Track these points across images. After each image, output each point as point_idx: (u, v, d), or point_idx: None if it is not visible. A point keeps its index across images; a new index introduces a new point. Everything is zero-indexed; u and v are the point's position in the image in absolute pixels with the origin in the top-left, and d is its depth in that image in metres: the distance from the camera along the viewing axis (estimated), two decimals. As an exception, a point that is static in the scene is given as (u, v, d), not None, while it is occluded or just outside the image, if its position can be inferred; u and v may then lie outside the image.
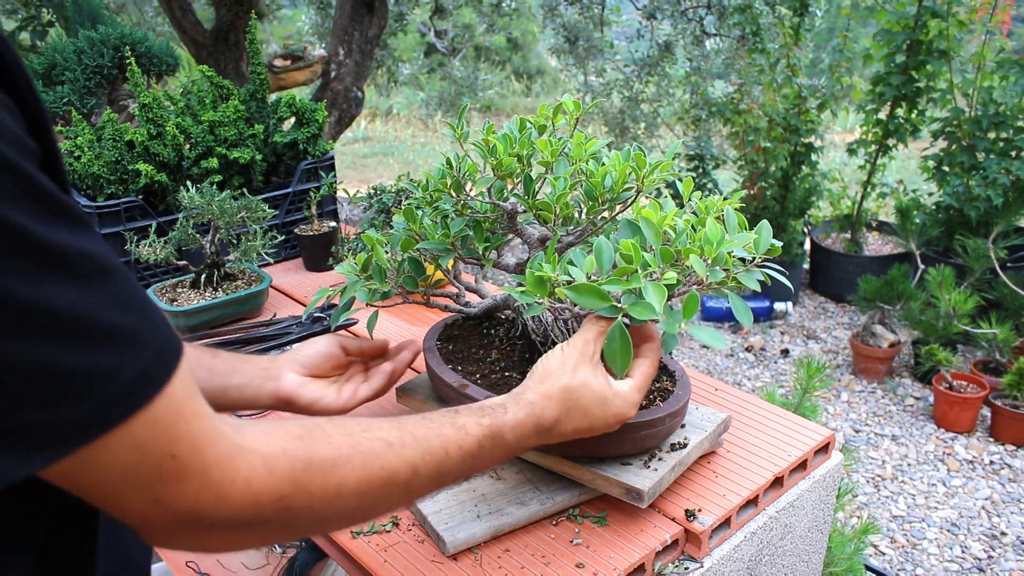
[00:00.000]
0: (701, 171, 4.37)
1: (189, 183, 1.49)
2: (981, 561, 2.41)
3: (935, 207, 3.78)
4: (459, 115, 0.99)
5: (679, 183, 0.94)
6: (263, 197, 1.67)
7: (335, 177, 1.84)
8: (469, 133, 0.97)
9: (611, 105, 4.82)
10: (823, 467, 1.08)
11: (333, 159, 1.86)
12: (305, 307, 1.54)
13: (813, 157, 4.08)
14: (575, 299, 0.80)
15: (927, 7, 3.64)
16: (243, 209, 1.46)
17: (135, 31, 2.07)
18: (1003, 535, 2.52)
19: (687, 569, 0.90)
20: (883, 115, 3.97)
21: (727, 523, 0.94)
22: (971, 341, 3.42)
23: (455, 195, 0.98)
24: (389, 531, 0.92)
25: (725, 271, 0.82)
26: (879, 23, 3.83)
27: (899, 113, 3.92)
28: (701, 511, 0.93)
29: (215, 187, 1.47)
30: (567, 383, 0.79)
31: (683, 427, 1.01)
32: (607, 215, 0.96)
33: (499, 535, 0.90)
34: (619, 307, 0.80)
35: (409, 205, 0.99)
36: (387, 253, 1.00)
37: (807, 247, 4.36)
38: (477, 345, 1.06)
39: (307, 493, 0.57)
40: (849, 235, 4.28)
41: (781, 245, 0.86)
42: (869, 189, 4.15)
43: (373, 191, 1.58)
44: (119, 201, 1.55)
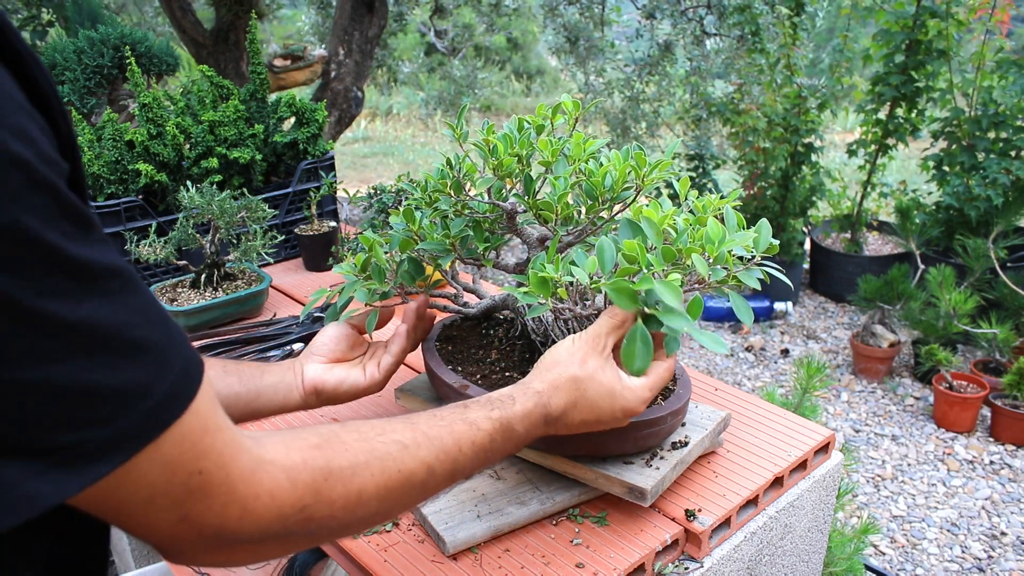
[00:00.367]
0: (701, 171, 4.37)
1: (189, 183, 1.49)
2: (981, 561, 2.41)
3: (935, 207, 3.78)
4: (459, 115, 0.99)
5: (676, 183, 0.94)
6: (263, 197, 1.67)
7: (335, 177, 1.84)
8: (469, 133, 0.97)
9: (613, 105, 4.82)
10: (823, 467, 1.08)
11: (333, 159, 1.86)
12: (305, 307, 1.54)
13: (813, 157, 4.08)
14: (613, 298, 0.78)
15: (926, 7, 3.63)
16: (243, 209, 1.46)
17: (135, 31, 2.07)
18: (1003, 535, 2.51)
19: (687, 569, 0.90)
20: (883, 115, 3.97)
21: (727, 523, 0.94)
22: (971, 341, 3.42)
23: (455, 195, 0.98)
24: (389, 531, 0.92)
25: (726, 270, 0.82)
26: (878, 23, 3.83)
27: (899, 113, 3.92)
28: (701, 511, 0.93)
29: (215, 187, 1.47)
30: (575, 373, 0.79)
31: (683, 425, 1.01)
32: (606, 215, 0.96)
33: (499, 535, 0.90)
34: (647, 311, 0.79)
35: (408, 205, 0.99)
36: (386, 253, 1.00)
37: (807, 247, 4.36)
38: (476, 345, 1.06)
39: (329, 502, 0.57)
40: (849, 235, 4.28)
41: (779, 244, 0.86)
42: (869, 189, 4.15)
43: (373, 191, 1.58)
44: (119, 201, 1.55)
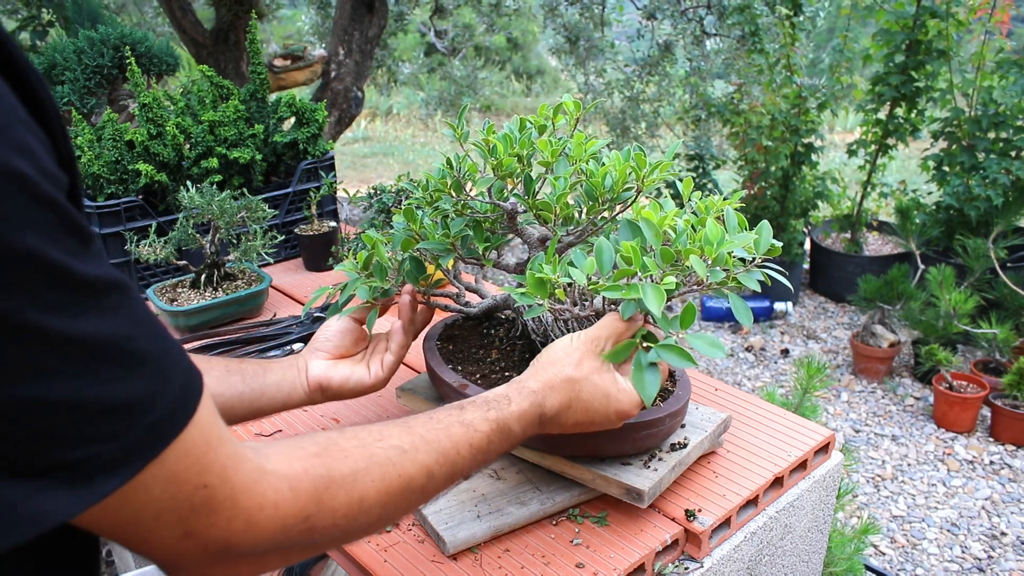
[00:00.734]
0: (701, 171, 4.37)
1: (189, 183, 1.49)
2: (981, 561, 2.41)
3: (935, 207, 3.78)
4: (459, 115, 0.99)
5: (679, 183, 0.94)
6: (263, 197, 1.67)
7: (335, 177, 1.84)
8: (469, 133, 0.97)
9: (612, 105, 4.82)
10: (823, 467, 1.08)
11: (333, 159, 1.86)
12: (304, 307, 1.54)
13: (813, 157, 4.08)
14: (612, 360, 0.81)
15: (926, 7, 3.63)
16: (243, 209, 1.46)
17: (135, 31, 2.07)
18: (1003, 535, 2.52)
19: (687, 569, 0.90)
20: (883, 115, 3.97)
21: (727, 523, 0.94)
22: (971, 341, 3.42)
23: (455, 195, 0.98)
24: (389, 531, 0.92)
25: (725, 271, 0.82)
26: (878, 23, 3.83)
27: (899, 113, 3.92)
28: (701, 511, 0.93)
29: (215, 187, 1.47)
30: (571, 374, 0.79)
31: (683, 427, 1.01)
32: (607, 215, 0.96)
33: (499, 535, 0.90)
34: (651, 349, 0.81)
35: (409, 205, 0.99)
36: (388, 252, 1.00)
37: (807, 247, 4.36)
38: (477, 345, 1.06)
39: (331, 511, 0.57)
40: (849, 235, 4.28)
41: (781, 245, 0.86)
42: (869, 189, 4.15)
43: (373, 191, 1.58)
44: (119, 201, 1.55)
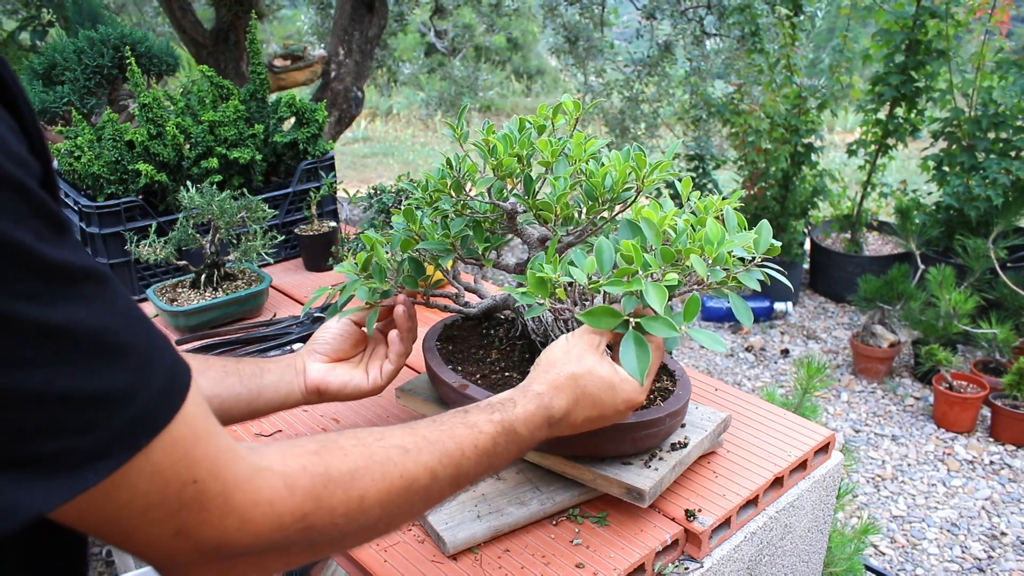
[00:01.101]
0: (701, 171, 4.36)
1: (189, 183, 1.49)
2: (981, 561, 2.41)
3: (935, 207, 3.78)
4: (459, 115, 0.99)
5: (678, 183, 0.94)
6: (263, 197, 1.67)
7: (335, 177, 1.84)
8: (469, 133, 0.97)
9: (611, 105, 4.81)
10: (823, 467, 1.08)
11: (333, 159, 1.86)
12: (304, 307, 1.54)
13: (813, 157, 4.08)
14: (591, 323, 0.80)
15: (925, 7, 3.63)
16: (243, 209, 1.46)
17: (135, 31, 2.07)
18: (1003, 535, 2.52)
19: (687, 569, 0.90)
20: (883, 115, 3.97)
21: (727, 523, 0.94)
22: (971, 341, 3.42)
23: (455, 195, 0.98)
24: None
25: (725, 271, 0.82)
26: (878, 23, 3.83)
27: (898, 113, 3.92)
28: (701, 511, 0.93)
29: (215, 187, 1.47)
30: (573, 371, 0.78)
31: (683, 427, 1.01)
32: (607, 215, 0.96)
33: (499, 535, 0.90)
34: (630, 321, 0.79)
35: (409, 205, 0.99)
36: (387, 253, 1.00)
37: (807, 247, 4.36)
38: (477, 345, 1.06)
39: (330, 509, 0.55)
40: (849, 235, 4.28)
41: (780, 245, 0.86)
42: (869, 189, 4.15)
43: (373, 191, 1.58)
44: (119, 201, 1.55)
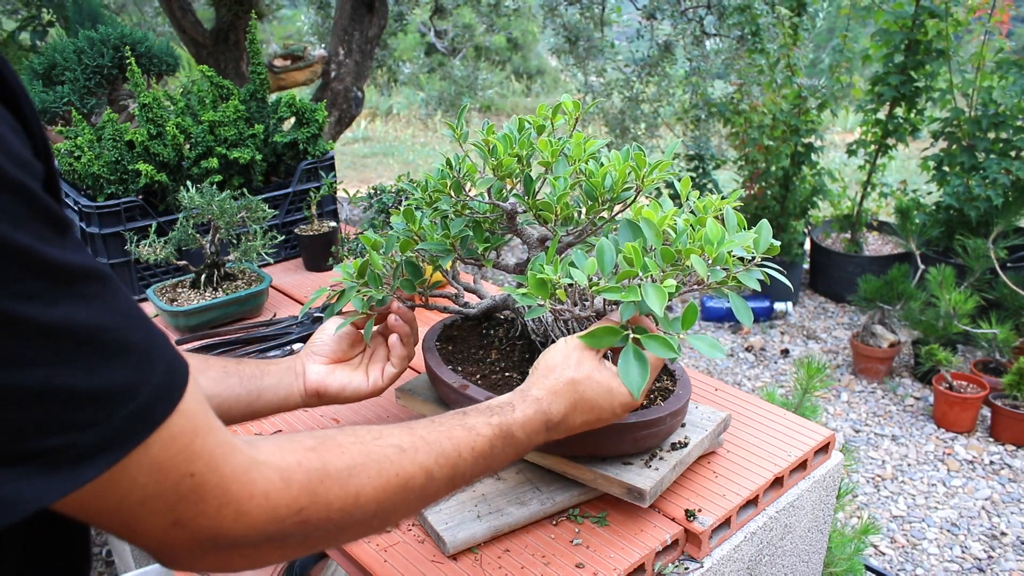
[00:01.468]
0: (701, 171, 4.36)
1: (189, 183, 1.49)
2: (981, 561, 2.41)
3: (935, 207, 3.78)
4: (459, 115, 0.99)
5: (677, 183, 0.94)
6: (263, 197, 1.67)
7: (335, 177, 1.84)
8: (469, 133, 0.97)
9: (612, 105, 4.81)
10: (823, 467, 1.08)
11: (333, 159, 1.86)
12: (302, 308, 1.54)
13: (813, 157, 4.09)
14: (591, 344, 0.80)
15: (925, 7, 3.63)
16: (243, 209, 1.46)
17: (135, 31, 2.07)
18: (1003, 535, 2.52)
19: (687, 569, 0.90)
20: (883, 115, 3.97)
21: (727, 523, 0.94)
22: (971, 341, 3.42)
23: (455, 195, 0.98)
24: (389, 531, 0.92)
25: (725, 271, 0.82)
26: (877, 23, 3.83)
27: (898, 113, 3.92)
28: (701, 511, 0.93)
29: (215, 187, 1.47)
30: (572, 376, 0.79)
31: (683, 426, 1.01)
32: (606, 215, 0.96)
33: (499, 535, 0.90)
34: (629, 335, 0.80)
35: (408, 206, 0.99)
36: (385, 256, 1.00)
37: (807, 247, 4.36)
38: (477, 345, 1.06)
39: (325, 504, 0.56)
40: (849, 235, 4.28)
41: (780, 244, 0.86)
42: (869, 189, 4.15)
43: (373, 191, 1.58)
44: (119, 201, 1.55)
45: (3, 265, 0.39)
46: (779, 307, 4.02)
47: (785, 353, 3.74)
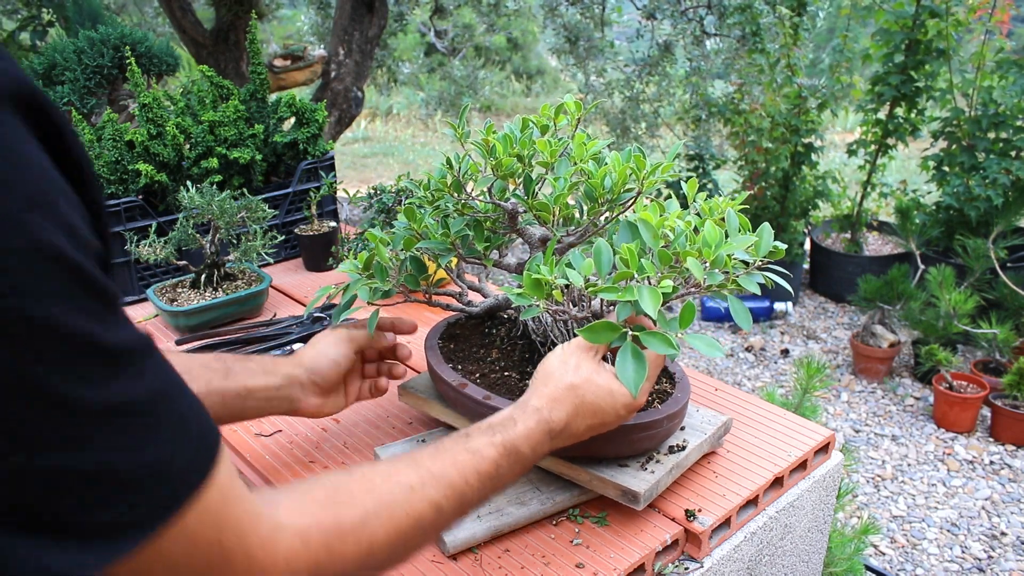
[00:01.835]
0: (701, 171, 4.37)
1: (189, 183, 1.49)
2: (981, 561, 2.41)
3: (935, 207, 3.78)
4: (460, 115, 0.99)
5: (684, 184, 0.94)
6: (263, 197, 1.67)
7: (335, 177, 1.84)
8: (470, 133, 0.97)
9: (612, 105, 4.81)
10: (823, 467, 1.08)
11: (333, 159, 1.86)
12: (305, 307, 1.54)
13: (813, 157, 4.09)
14: (590, 339, 0.79)
15: (925, 7, 3.63)
16: (243, 209, 1.46)
17: (135, 31, 2.07)
18: (1003, 535, 2.52)
19: (687, 569, 0.90)
20: (883, 115, 3.97)
21: (727, 523, 0.94)
22: (971, 341, 3.42)
23: (456, 195, 0.98)
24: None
25: (724, 274, 0.82)
26: (878, 23, 3.83)
27: (899, 113, 3.92)
28: (701, 511, 0.93)
29: (215, 187, 1.47)
30: (571, 382, 0.78)
31: (683, 429, 1.00)
32: (608, 216, 0.96)
33: (499, 535, 0.90)
34: (628, 332, 0.79)
35: (411, 204, 0.99)
36: (389, 252, 1.00)
37: (807, 247, 4.36)
38: (478, 344, 1.06)
39: (341, 558, 0.58)
40: (849, 235, 4.28)
41: (785, 247, 0.86)
42: (869, 189, 4.15)
43: (373, 191, 1.58)
44: (119, 201, 1.55)
45: (59, 348, 0.39)
46: (779, 307, 4.02)
47: (785, 353, 3.74)
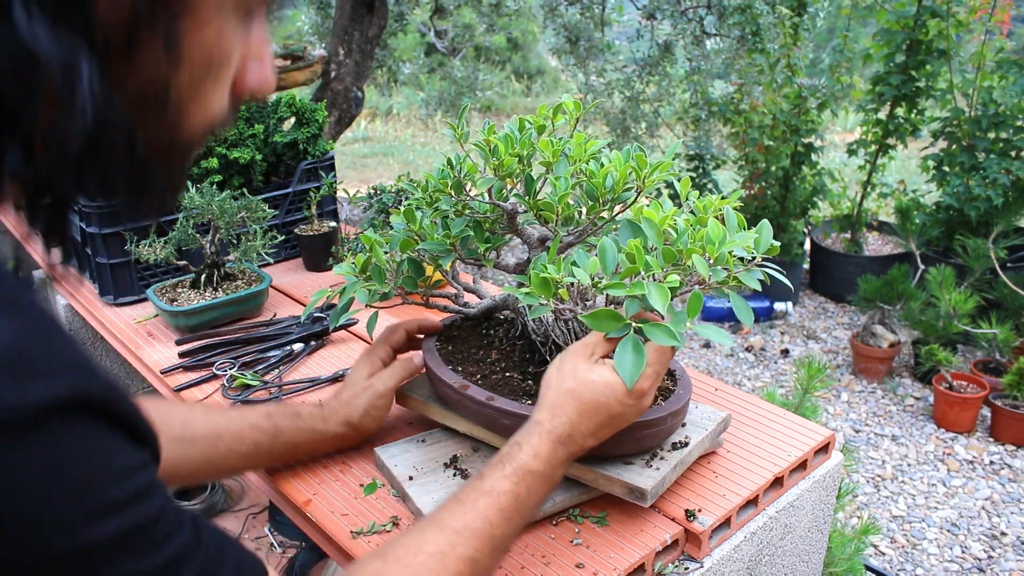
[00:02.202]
0: (701, 171, 4.37)
1: (189, 183, 1.49)
2: (981, 561, 2.41)
3: (935, 207, 3.78)
4: (459, 115, 0.99)
5: (677, 183, 0.94)
6: (263, 197, 1.67)
7: (335, 177, 1.84)
8: (469, 133, 0.97)
9: (612, 105, 4.81)
10: (823, 467, 1.08)
11: (333, 159, 1.86)
12: (305, 307, 1.54)
13: (813, 157, 4.09)
14: (592, 326, 0.79)
15: (926, 7, 3.64)
16: (243, 209, 1.46)
17: (135, 31, 2.07)
18: (1003, 535, 2.52)
19: (687, 569, 0.90)
20: (883, 115, 3.97)
21: (727, 523, 0.94)
22: (971, 341, 3.42)
23: (455, 195, 0.98)
24: (389, 531, 0.92)
25: (726, 271, 0.82)
26: (879, 23, 3.83)
27: (899, 113, 3.92)
28: (701, 511, 0.93)
29: (215, 187, 1.47)
30: (568, 386, 0.78)
31: (683, 426, 1.01)
32: (607, 215, 0.96)
33: (499, 535, 0.90)
34: (631, 324, 0.79)
35: (409, 205, 0.99)
36: (386, 254, 1.00)
37: (807, 247, 4.36)
38: (476, 346, 1.06)
39: None
40: (849, 235, 4.28)
41: (780, 245, 0.86)
42: (869, 189, 4.15)
43: (373, 191, 1.58)
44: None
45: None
46: (779, 307, 4.02)
47: (785, 353, 3.74)
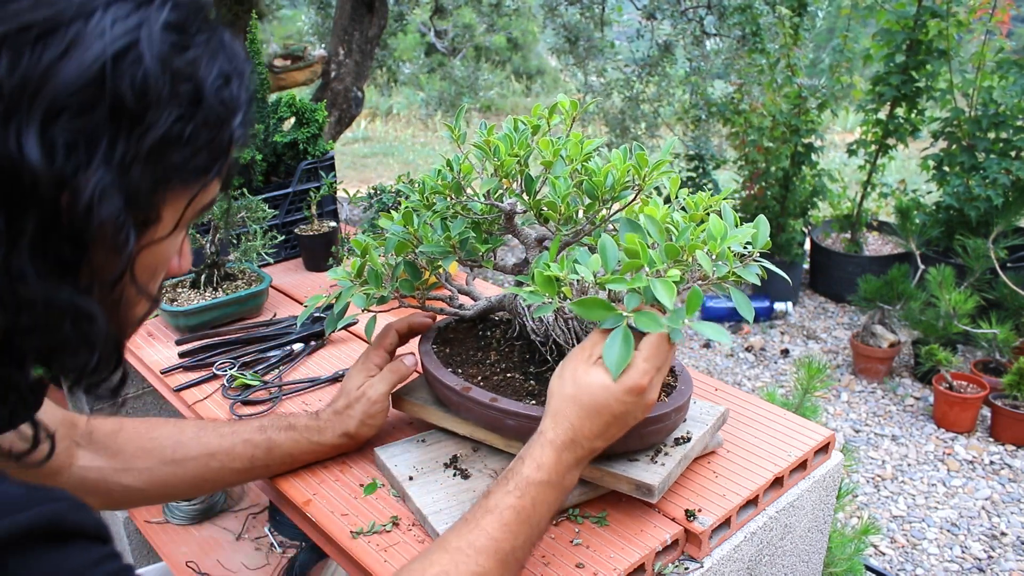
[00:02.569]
0: (701, 171, 4.37)
1: (189, 183, 1.49)
2: (981, 561, 2.41)
3: (935, 207, 3.78)
4: (456, 117, 0.99)
5: (667, 181, 0.94)
6: (263, 197, 1.67)
7: (335, 177, 1.84)
8: (467, 134, 0.97)
9: (612, 105, 4.82)
10: (823, 467, 1.08)
11: (333, 159, 1.86)
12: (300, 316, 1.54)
13: (813, 157, 4.09)
14: (582, 313, 0.78)
15: (927, 7, 3.64)
16: (243, 209, 1.46)
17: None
18: (1003, 535, 2.52)
19: (687, 569, 0.90)
20: (883, 115, 3.97)
21: (727, 523, 0.94)
22: (971, 341, 3.42)
23: (454, 197, 0.98)
24: (389, 531, 0.92)
25: (727, 266, 0.82)
26: (879, 23, 3.83)
27: (899, 113, 3.92)
28: (701, 511, 0.93)
29: (215, 187, 1.47)
30: (568, 392, 0.78)
31: (684, 422, 1.01)
32: (605, 214, 0.96)
33: (499, 535, 0.90)
34: (623, 315, 0.79)
35: (407, 208, 0.99)
36: (381, 257, 1.00)
37: (807, 247, 4.36)
38: (474, 347, 1.06)
39: None
40: (849, 235, 4.28)
41: (779, 244, 0.86)
42: (869, 189, 4.15)
43: (373, 191, 1.58)
44: (119, 201, 1.54)
45: None
46: (779, 307, 4.02)
47: (785, 353, 3.74)
